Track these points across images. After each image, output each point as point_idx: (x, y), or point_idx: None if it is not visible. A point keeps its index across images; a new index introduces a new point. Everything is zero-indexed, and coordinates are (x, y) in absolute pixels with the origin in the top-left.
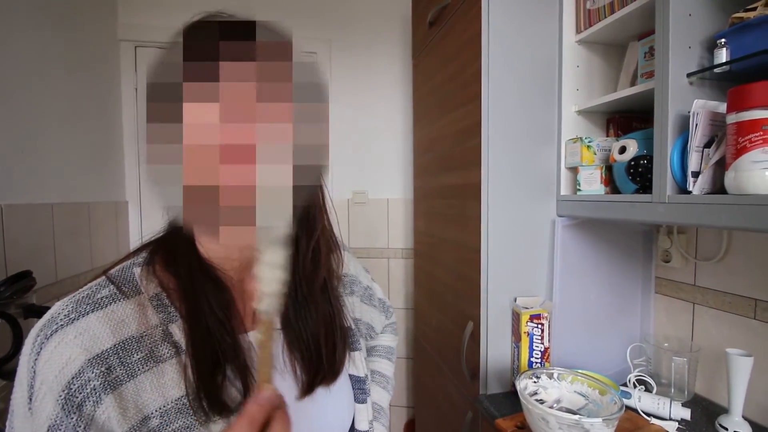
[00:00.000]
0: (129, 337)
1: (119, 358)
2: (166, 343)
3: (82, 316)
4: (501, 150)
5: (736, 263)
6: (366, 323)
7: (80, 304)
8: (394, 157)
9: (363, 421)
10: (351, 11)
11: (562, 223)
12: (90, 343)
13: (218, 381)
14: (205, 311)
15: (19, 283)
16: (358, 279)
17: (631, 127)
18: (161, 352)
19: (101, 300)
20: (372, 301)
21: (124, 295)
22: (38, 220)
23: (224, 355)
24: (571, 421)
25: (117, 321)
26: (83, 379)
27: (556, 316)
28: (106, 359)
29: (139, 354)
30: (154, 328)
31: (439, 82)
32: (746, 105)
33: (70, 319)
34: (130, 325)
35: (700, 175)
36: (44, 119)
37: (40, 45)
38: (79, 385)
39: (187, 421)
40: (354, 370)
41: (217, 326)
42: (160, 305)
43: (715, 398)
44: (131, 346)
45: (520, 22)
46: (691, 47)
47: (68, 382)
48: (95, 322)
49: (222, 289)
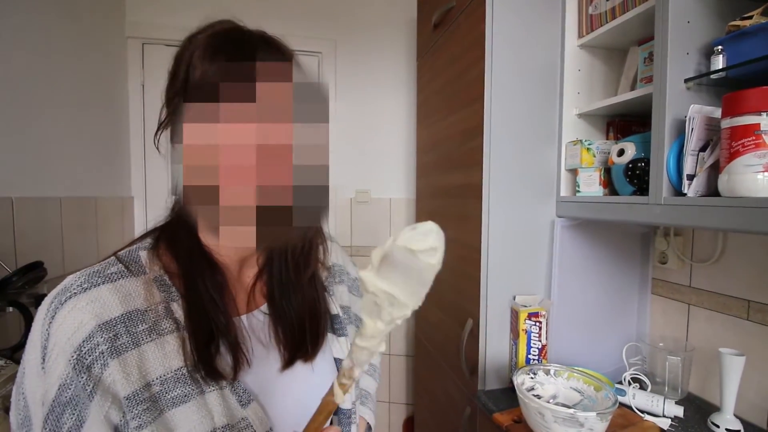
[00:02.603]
0: (135, 309)
1: (126, 327)
2: (168, 318)
3: (95, 286)
4: (503, 151)
5: (730, 265)
6: (355, 313)
7: (92, 276)
8: (397, 157)
9: (347, 401)
10: (356, 12)
11: (561, 223)
12: (101, 310)
13: (212, 353)
14: (201, 292)
15: (30, 274)
16: (346, 270)
17: (630, 131)
18: (163, 326)
19: (111, 275)
20: (360, 292)
21: (131, 273)
22: (47, 213)
23: (218, 331)
24: (566, 414)
25: (125, 294)
26: (93, 342)
27: (554, 315)
28: (114, 327)
29: (143, 325)
30: (158, 305)
31: (442, 83)
32: (740, 110)
33: (83, 288)
34: (137, 299)
35: (695, 178)
36: (53, 115)
37: (48, 42)
38: (89, 348)
39: (186, 389)
40: (340, 354)
41: (212, 306)
42: (162, 285)
43: (708, 397)
44: (137, 318)
45: (524, 26)
46: (689, 53)
47: (79, 344)
48: (106, 292)
49: (217, 272)
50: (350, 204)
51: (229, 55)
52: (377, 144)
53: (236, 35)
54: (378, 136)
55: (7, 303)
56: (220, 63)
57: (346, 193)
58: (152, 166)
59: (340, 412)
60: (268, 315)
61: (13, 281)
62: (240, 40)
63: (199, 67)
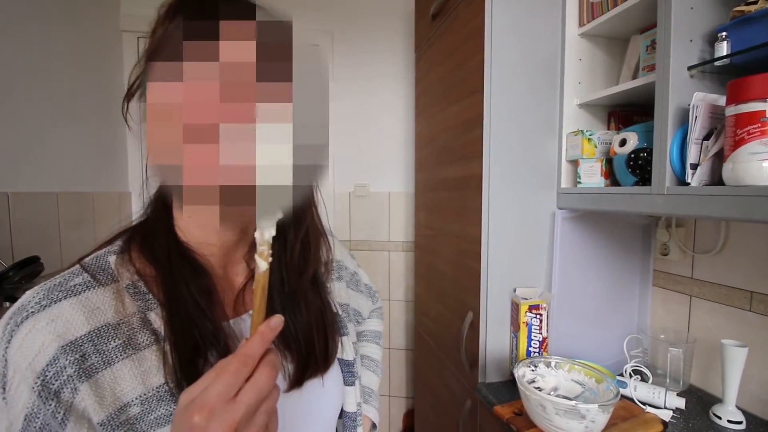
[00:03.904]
0: (105, 324)
1: (94, 345)
2: (144, 330)
3: (54, 302)
4: (502, 142)
5: (732, 256)
6: (354, 308)
7: (52, 291)
8: (396, 150)
9: (351, 403)
10: (353, 4)
11: (562, 215)
12: (63, 329)
13: (199, 367)
14: (184, 297)
15: (27, 268)
16: (344, 265)
17: (632, 121)
18: (140, 340)
19: (74, 287)
20: (359, 287)
21: (99, 283)
22: (44, 208)
23: (205, 341)
24: (568, 406)
25: (92, 308)
26: (58, 366)
27: (554, 307)
28: (81, 346)
29: (115, 341)
30: (132, 316)
31: (441, 75)
32: (745, 97)
33: (41, 305)
34: (106, 313)
35: (698, 167)
36: (48, 110)
37: (43, 37)
38: (55, 372)
39: (170, 408)
40: (343, 355)
41: (197, 312)
42: (137, 293)
43: (709, 388)
44: (107, 333)
45: (523, 15)
46: (692, 40)
47: (42, 369)
48: (68, 308)
49: (202, 274)
50: (349, 198)
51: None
52: (375, 137)
53: None
54: (376, 129)
55: (4, 298)
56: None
57: (345, 186)
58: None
59: (345, 416)
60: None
61: (9, 276)
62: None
63: (162, 28)
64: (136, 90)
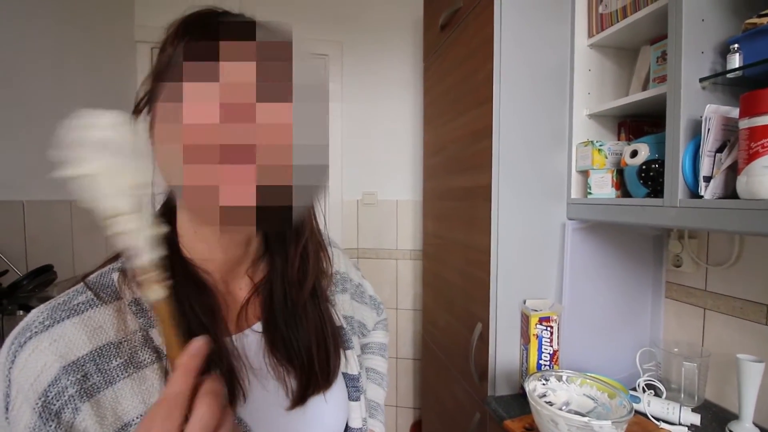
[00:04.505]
0: (107, 343)
1: (96, 365)
2: (146, 348)
3: (57, 322)
4: (512, 152)
5: (747, 269)
6: (358, 321)
7: (55, 311)
8: (404, 158)
9: (357, 419)
10: (362, 14)
11: (572, 226)
12: (65, 349)
13: None
14: (187, 315)
15: (40, 277)
16: (349, 276)
17: (642, 131)
18: (142, 358)
19: (77, 306)
20: (363, 299)
21: (102, 301)
22: (57, 216)
23: (207, 360)
24: (581, 423)
25: (94, 327)
26: (59, 386)
27: (565, 319)
28: (82, 366)
29: (117, 360)
30: (134, 334)
31: (450, 85)
32: (759, 110)
33: (44, 326)
34: (108, 331)
35: (711, 180)
36: (62, 118)
37: (58, 48)
38: (56, 393)
39: None
40: (347, 369)
41: (201, 331)
42: (139, 310)
43: (725, 404)
44: (109, 352)
45: (532, 26)
46: (703, 52)
47: (44, 390)
48: (71, 328)
49: (206, 292)
50: (357, 206)
51: (192, 35)
52: (384, 146)
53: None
54: (385, 138)
55: (18, 306)
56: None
57: (353, 195)
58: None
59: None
60: (264, 337)
61: (23, 285)
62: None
63: (167, 49)
64: (144, 106)
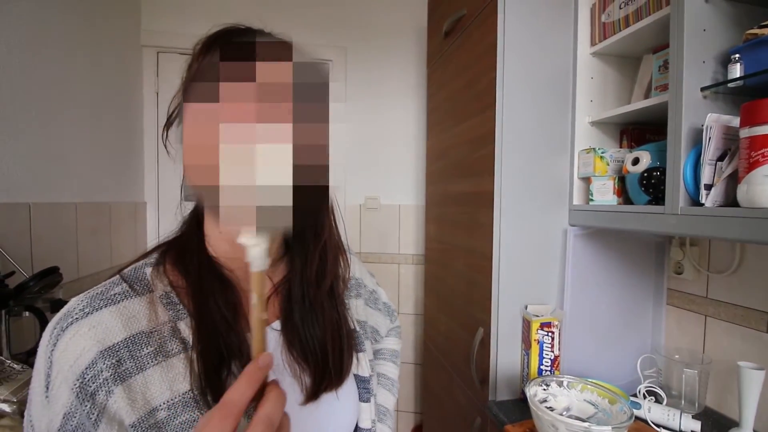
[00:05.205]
0: (139, 331)
1: (129, 351)
2: (174, 339)
3: (96, 310)
4: (514, 159)
5: (749, 276)
6: (371, 326)
7: (94, 300)
8: (407, 163)
9: (366, 420)
10: (367, 20)
11: (574, 232)
12: (103, 335)
13: (223, 377)
14: (212, 309)
15: (46, 279)
16: (363, 282)
17: (644, 139)
18: (170, 348)
19: (114, 296)
20: (377, 305)
21: (135, 292)
22: (63, 218)
23: (229, 352)
24: (581, 428)
25: (129, 316)
26: (96, 369)
27: (566, 325)
28: (117, 352)
29: (148, 348)
30: (164, 325)
31: (453, 91)
32: (759, 120)
33: (85, 313)
34: (141, 321)
35: (712, 188)
36: (69, 122)
37: (65, 52)
38: (92, 375)
39: (193, 414)
40: (359, 371)
41: (224, 324)
42: (169, 303)
43: (725, 411)
44: (141, 341)
45: (536, 34)
46: (705, 62)
47: (82, 372)
48: (108, 316)
49: (229, 288)
50: (359, 210)
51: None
52: (387, 151)
53: (233, 32)
54: (388, 143)
55: (24, 308)
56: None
57: (356, 199)
58: (165, 172)
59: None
60: (282, 334)
61: (30, 286)
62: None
63: (195, 63)
64: (174, 119)
